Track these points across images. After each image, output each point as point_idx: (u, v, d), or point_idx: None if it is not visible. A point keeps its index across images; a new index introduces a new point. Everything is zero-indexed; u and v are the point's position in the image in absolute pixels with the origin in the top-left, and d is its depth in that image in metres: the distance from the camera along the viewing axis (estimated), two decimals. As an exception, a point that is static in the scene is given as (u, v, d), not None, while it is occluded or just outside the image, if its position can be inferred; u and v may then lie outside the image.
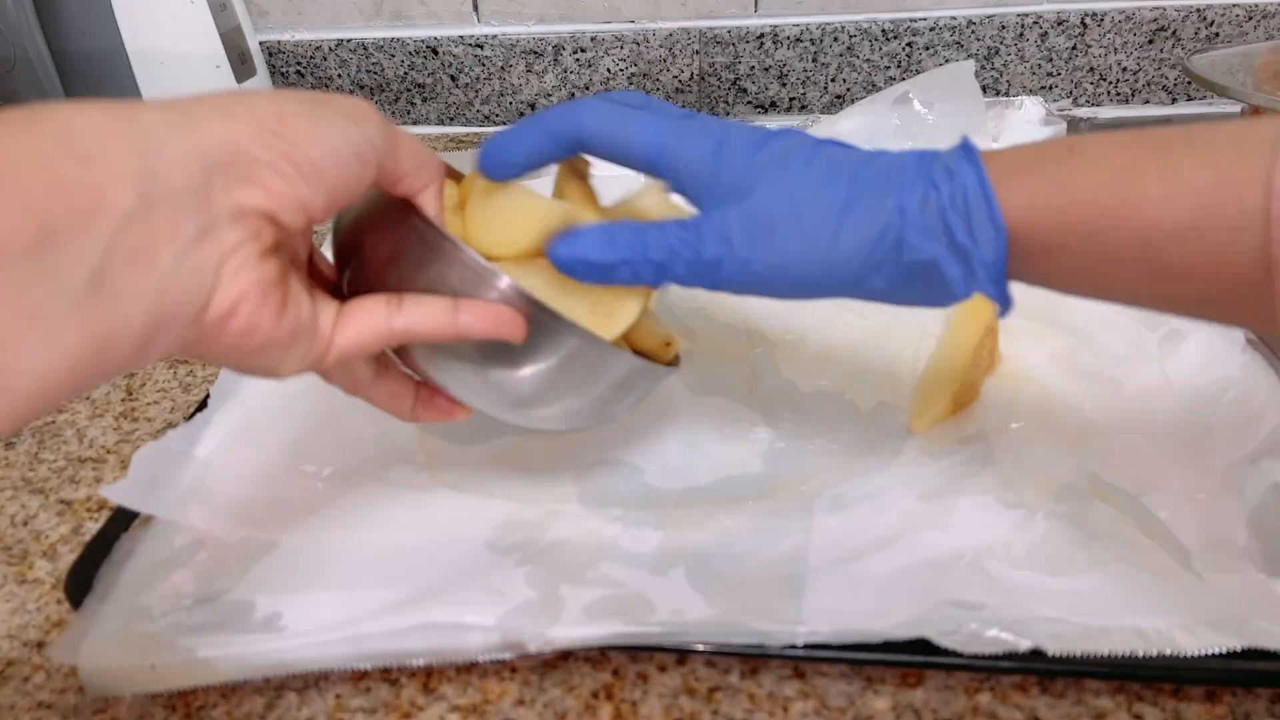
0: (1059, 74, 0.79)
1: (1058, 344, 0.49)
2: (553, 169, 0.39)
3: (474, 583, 0.38)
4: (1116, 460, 0.42)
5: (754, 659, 0.36)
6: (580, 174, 0.40)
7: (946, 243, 0.31)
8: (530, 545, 0.41)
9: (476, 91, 0.84)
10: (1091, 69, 0.78)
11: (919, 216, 0.31)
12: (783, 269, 0.33)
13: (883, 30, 0.77)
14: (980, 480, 0.42)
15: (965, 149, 0.32)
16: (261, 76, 0.74)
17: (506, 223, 0.36)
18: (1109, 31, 0.77)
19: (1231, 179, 0.26)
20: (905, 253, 0.31)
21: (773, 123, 0.82)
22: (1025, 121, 0.70)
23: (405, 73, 0.84)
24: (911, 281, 0.32)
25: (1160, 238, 0.28)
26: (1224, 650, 0.33)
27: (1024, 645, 0.33)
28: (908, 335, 0.51)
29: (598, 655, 0.36)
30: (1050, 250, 0.30)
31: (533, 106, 0.84)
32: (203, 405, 0.47)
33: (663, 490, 0.43)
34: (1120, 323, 0.47)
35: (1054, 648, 0.33)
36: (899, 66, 0.79)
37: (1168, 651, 0.33)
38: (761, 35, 0.78)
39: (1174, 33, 0.76)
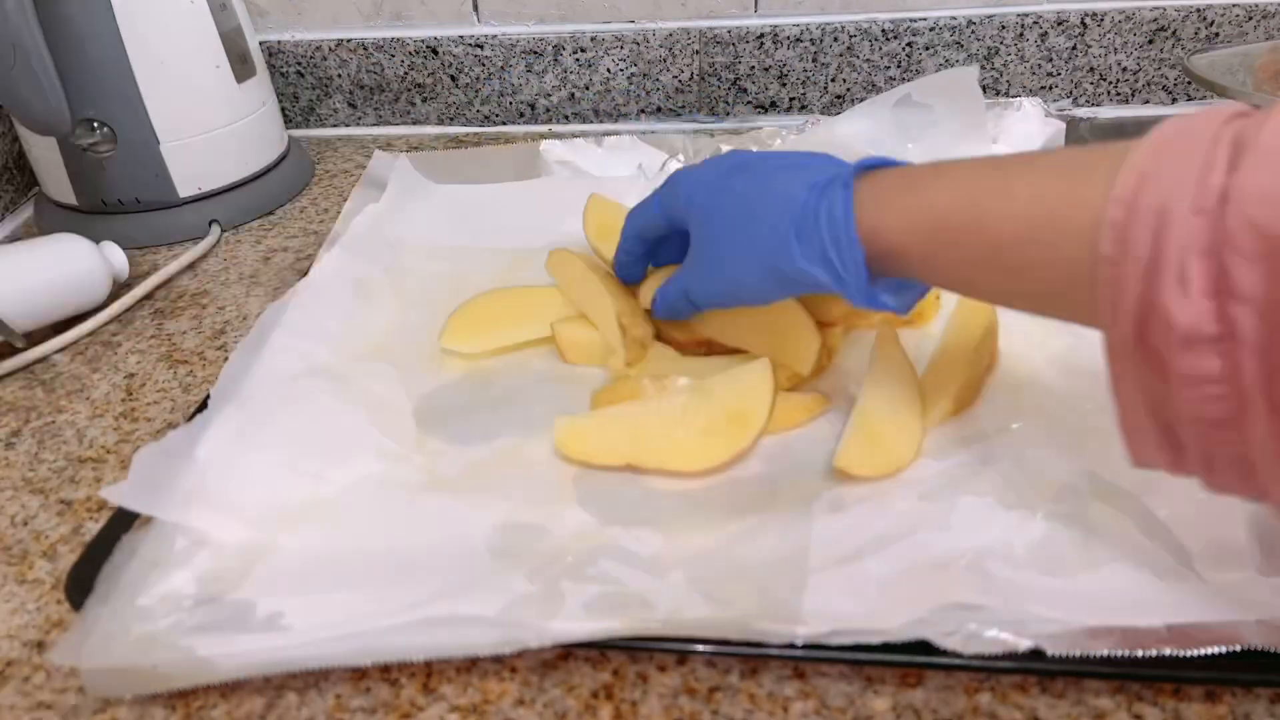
0: (1059, 74, 0.79)
1: (1058, 344, 0.49)
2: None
3: (474, 581, 0.38)
4: (1116, 460, 0.42)
5: (754, 659, 0.36)
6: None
7: (825, 266, 0.39)
8: (530, 545, 0.41)
9: (476, 91, 0.84)
10: (1091, 69, 0.78)
11: (803, 246, 0.39)
12: (722, 294, 0.45)
13: (883, 30, 0.77)
14: (980, 481, 0.42)
15: (845, 184, 0.38)
16: (261, 77, 0.74)
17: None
18: (1109, 31, 0.76)
19: (1062, 199, 0.31)
20: (801, 275, 0.40)
21: (773, 123, 0.82)
22: (1025, 123, 0.70)
23: (405, 73, 0.83)
24: (818, 287, 0.40)
25: (1006, 244, 0.33)
26: (1224, 650, 0.33)
27: (1024, 645, 0.33)
28: (908, 337, 0.50)
29: (598, 655, 0.36)
30: (924, 260, 0.37)
31: (532, 107, 0.84)
32: (203, 406, 0.47)
33: (662, 491, 0.43)
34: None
35: (1054, 648, 0.33)
36: (899, 66, 0.79)
37: (1167, 651, 0.33)
38: (761, 35, 0.78)
39: (1174, 33, 0.76)
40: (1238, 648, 0.33)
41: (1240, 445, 0.28)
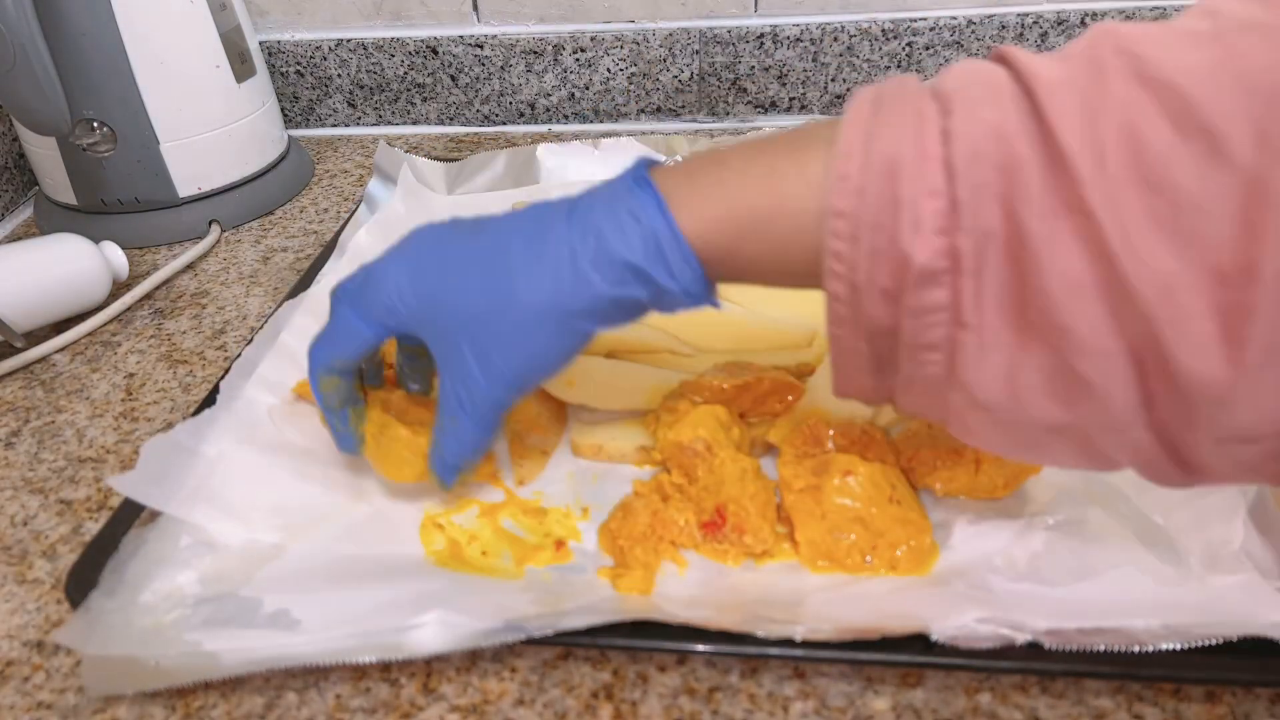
0: (1059, 74, 0.79)
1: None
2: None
3: (476, 581, 0.38)
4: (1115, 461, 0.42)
5: (754, 659, 0.36)
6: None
7: (648, 287, 0.34)
8: (530, 545, 0.41)
9: (476, 91, 0.84)
10: (1091, 69, 0.78)
11: (602, 271, 0.34)
12: (517, 379, 0.37)
13: (883, 30, 0.77)
14: None
15: (640, 184, 0.35)
16: (261, 76, 0.74)
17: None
18: (1109, 31, 0.77)
19: (798, 169, 0.32)
20: (612, 304, 0.35)
21: (773, 123, 0.82)
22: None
23: (405, 73, 0.83)
24: (634, 310, 0.36)
25: (803, 222, 0.32)
26: (1224, 650, 0.33)
27: (1021, 639, 0.33)
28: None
29: (598, 655, 0.36)
30: (731, 253, 0.34)
31: (532, 107, 0.84)
32: (211, 400, 0.47)
33: None
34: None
35: (1052, 642, 0.33)
36: (899, 67, 0.79)
37: (1164, 647, 0.33)
38: (761, 35, 0.78)
39: (1174, 33, 0.76)
40: (1237, 645, 0.32)
41: (949, 363, 0.30)
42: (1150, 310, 0.26)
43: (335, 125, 0.88)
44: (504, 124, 0.86)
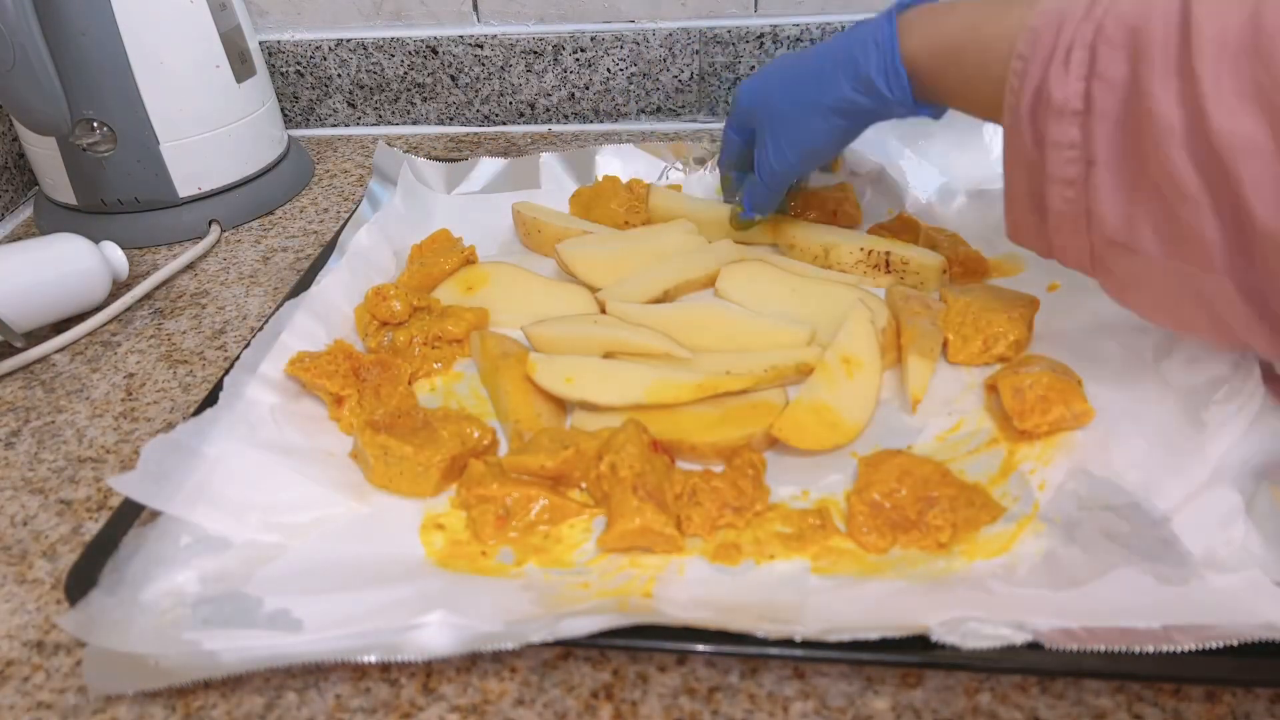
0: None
1: (1058, 353, 0.49)
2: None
3: (477, 581, 0.38)
4: (1115, 462, 0.42)
5: (754, 659, 0.36)
6: None
7: (870, 93, 0.48)
8: (530, 545, 0.41)
9: (476, 91, 0.84)
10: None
11: (849, 80, 0.48)
12: (794, 155, 0.53)
13: (883, 30, 0.77)
14: None
15: (889, 18, 0.47)
16: (261, 76, 0.74)
17: None
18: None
19: (1008, 16, 0.40)
20: (851, 104, 0.49)
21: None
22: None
23: (405, 73, 0.84)
24: (870, 113, 0.50)
25: (990, 59, 0.40)
26: (1224, 650, 0.32)
27: (1021, 639, 0.33)
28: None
29: (598, 655, 0.36)
30: (937, 77, 0.45)
31: (532, 107, 0.84)
32: (212, 400, 0.47)
33: None
34: (1115, 328, 0.47)
35: (1052, 642, 0.33)
36: (899, 66, 0.79)
37: (1166, 648, 0.33)
38: (761, 35, 0.78)
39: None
40: (1237, 645, 0.32)
41: (1085, 201, 0.37)
42: (1232, 166, 0.31)
43: (335, 125, 0.88)
44: (504, 124, 0.86)
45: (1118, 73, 0.34)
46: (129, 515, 0.41)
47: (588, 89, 0.82)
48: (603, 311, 0.55)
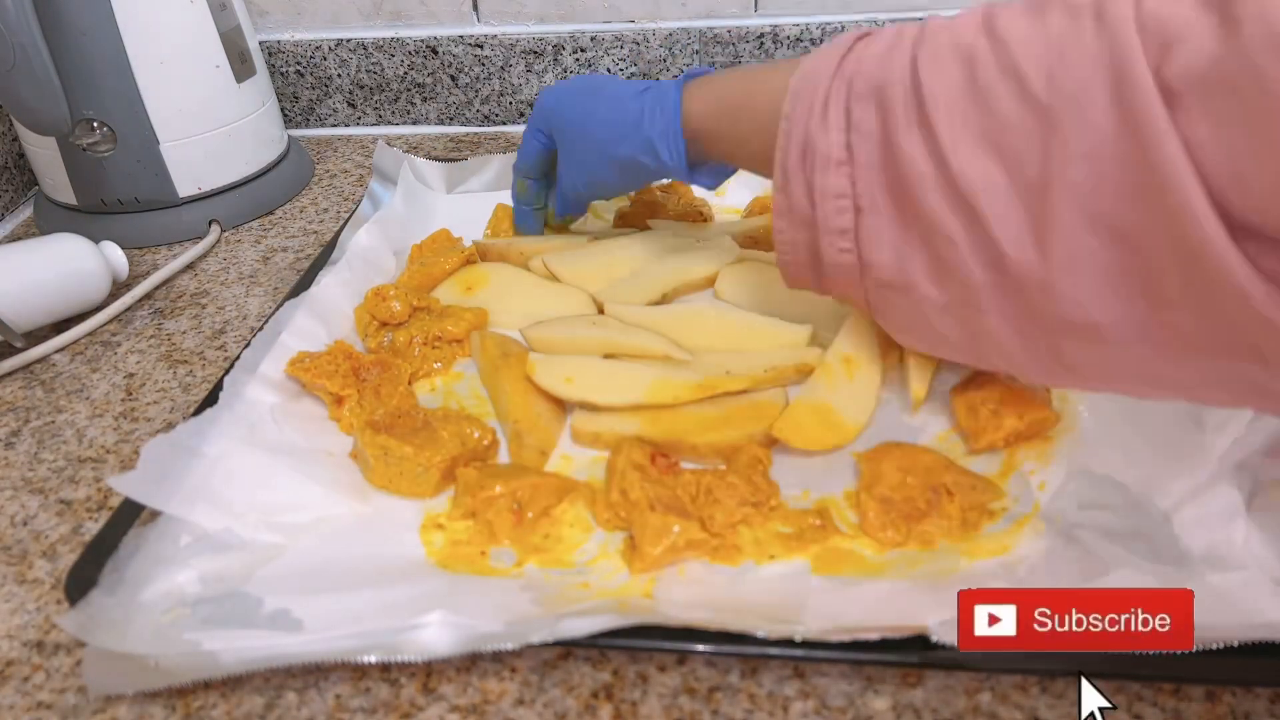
0: (1059, 74, 0.79)
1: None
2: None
3: (477, 582, 0.38)
4: (1115, 460, 0.42)
5: (754, 659, 0.36)
6: None
7: (650, 154, 0.50)
8: (531, 544, 0.41)
9: (476, 91, 0.84)
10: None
11: (633, 140, 0.50)
12: (584, 184, 0.56)
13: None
14: None
15: (677, 86, 0.49)
16: (261, 76, 0.74)
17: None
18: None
19: (776, 81, 0.42)
20: (632, 162, 0.51)
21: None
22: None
23: (405, 73, 0.83)
24: (649, 173, 0.52)
25: (761, 119, 0.43)
26: (1224, 650, 0.32)
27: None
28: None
29: (598, 655, 0.36)
30: (716, 136, 0.47)
31: (532, 107, 0.84)
32: (212, 400, 0.47)
33: None
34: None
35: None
36: (899, 66, 0.79)
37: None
38: (761, 35, 0.78)
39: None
40: (1237, 646, 0.32)
41: (857, 249, 0.39)
42: (977, 205, 0.33)
43: (335, 125, 0.88)
44: (504, 124, 0.86)
45: (871, 125, 0.37)
46: (129, 515, 0.41)
47: (588, 89, 0.82)
48: (601, 313, 0.55)
